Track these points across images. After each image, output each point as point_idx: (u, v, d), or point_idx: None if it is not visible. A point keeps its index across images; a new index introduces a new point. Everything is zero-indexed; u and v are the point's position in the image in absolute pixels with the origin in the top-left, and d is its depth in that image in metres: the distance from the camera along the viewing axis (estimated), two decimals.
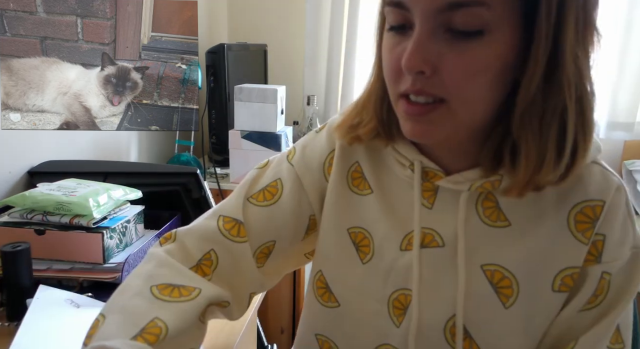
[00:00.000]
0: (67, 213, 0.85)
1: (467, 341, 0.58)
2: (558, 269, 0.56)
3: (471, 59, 0.47)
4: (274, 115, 1.58)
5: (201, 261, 0.62)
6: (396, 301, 0.61)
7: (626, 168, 2.18)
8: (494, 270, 0.57)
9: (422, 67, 0.48)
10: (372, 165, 0.64)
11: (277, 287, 1.77)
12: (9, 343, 0.63)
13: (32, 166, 1.16)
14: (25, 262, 0.74)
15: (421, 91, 0.50)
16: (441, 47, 0.48)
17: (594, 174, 0.56)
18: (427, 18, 0.47)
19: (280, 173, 0.68)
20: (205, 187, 1.13)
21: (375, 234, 0.63)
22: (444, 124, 0.51)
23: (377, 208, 0.63)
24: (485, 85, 0.49)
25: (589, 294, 0.55)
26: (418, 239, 0.59)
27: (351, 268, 0.63)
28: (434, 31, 0.47)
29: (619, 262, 0.55)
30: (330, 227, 0.65)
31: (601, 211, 0.54)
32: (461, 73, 0.48)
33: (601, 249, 0.55)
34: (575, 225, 0.55)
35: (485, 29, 0.46)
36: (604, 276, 0.55)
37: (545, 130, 0.49)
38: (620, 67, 2.04)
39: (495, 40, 0.47)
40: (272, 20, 2.29)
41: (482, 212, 0.58)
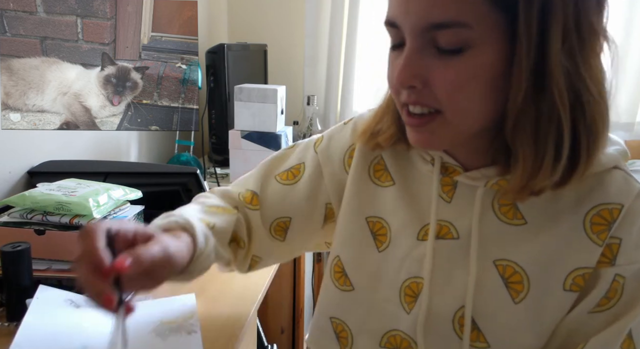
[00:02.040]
0: (67, 213, 0.85)
1: (475, 332, 0.59)
2: (570, 269, 0.56)
3: (457, 72, 0.50)
4: (274, 115, 1.58)
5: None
6: (408, 288, 0.63)
7: None
8: (506, 265, 0.58)
9: (412, 81, 0.52)
10: (396, 159, 0.68)
11: (277, 287, 1.78)
12: (9, 343, 0.63)
13: (32, 166, 1.16)
14: (25, 262, 0.74)
15: (417, 102, 0.53)
16: (430, 62, 0.51)
17: (615, 179, 0.56)
18: (415, 36, 0.50)
19: (304, 158, 0.74)
20: (205, 187, 1.13)
21: (392, 223, 0.66)
22: (443, 133, 0.54)
23: (396, 199, 0.66)
24: (475, 95, 0.51)
25: (600, 296, 0.56)
26: (434, 230, 0.61)
27: (367, 254, 0.67)
28: (422, 48, 0.51)
29: (634, 266, 0.55)
30: (350, 216, 0.69)
31: (619, 214, 0.55)
32: (449, 86, 0.51)
33: (616, 252, 0.55)
34: (592, 227, 0.56)
35: (468, 45, 0.49)
36: (617, 279, 0.55)
37: (540, 137, 0.51)
38: (620, 67, 2.04)
39: (479, 54, 0.49)
40: (272, 20, 2.29)
41: (499, 209, 0.59)
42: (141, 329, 0.71)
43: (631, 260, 0.55)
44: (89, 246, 0.51)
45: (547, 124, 0.50)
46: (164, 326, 0.72)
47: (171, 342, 0.69)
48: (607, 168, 0.56)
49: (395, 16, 0.52)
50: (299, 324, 1.76)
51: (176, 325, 0.73)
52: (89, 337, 0.69)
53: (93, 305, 0.52)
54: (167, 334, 0.70)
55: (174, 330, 0.72)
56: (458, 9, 0.48)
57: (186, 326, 0.73)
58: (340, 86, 2.23)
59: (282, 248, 0.76)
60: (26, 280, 0.74)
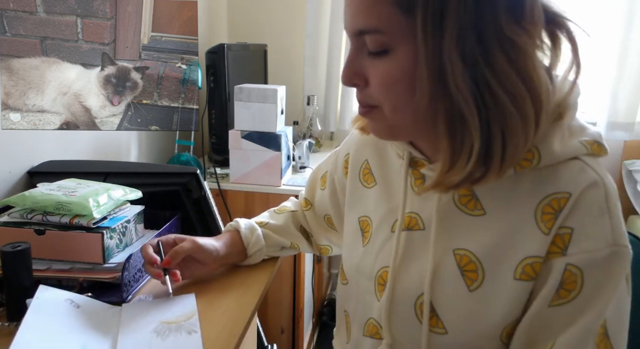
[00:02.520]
0: (67, 213, 0.85)
1: (434, 319, 0.62)
2: (520, 258, 0.58)
3: (384, 72, 0.56)
4: (274, 115, 1.58)
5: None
6: (380, 277, 0.68)
7: (626, 168, 2.18)
8: (463, 254, 0.61)
9: (353, 79, 0.59)
10: (378, 161, 0.76)
11: (277, 287, 1.78)
12: (9, 343, 0.62)
13: (32, 166, 1.16)
14: (25, 262, 0.74)
15: (361, 100, 0.61)
16: (366, 63, 0.58)
17: (569, 169, 0.57)
18: (352, 40, 0.58)
19: (328, 166, 0.90)
20: (205, 187, 1.13)
21: (374, 219, 0.73)
22: (386, 123, 0.60)
23: (378, 197, 0.73)
24: (402, 93, 0.56)
25: (555, 287, 0.56)
26: (400, 221, 0.67)
27: (355, 250, 0.74)
28: (359, 50, 0.58)
29: (587, 255, 0.54)
30: (350, 218, 0.78)
31: (566, 202, 0.56)
32: (380, 85, 0.57)
33: (568, 242, 0.55)
34: (542, 216, 0.57)
35: (388, 48, 0.55)
36: (569, 269, 0.55)
37: (454, 136, 0.54)
38: (620, 67, 2.04)
39: (400, 56, 0.54)
40: (272, 20, 2.29)
41: (459, 199, 0.63)
42: (141, 329, 0.71)
43: (583, 249, 0.55)
44: (144, 253, 0.82)
45: (459, 124, 0.53)
46: (164, 326, 0.72)
47: (171, 342, 0.69)
48: (564, 159, 0.57)
49: (344, 24, 0.60)
50: (299, 324, 1.76)
51: (176, 325, 0.73)
52: (89, 337, 0.69)
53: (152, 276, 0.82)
54: (167, 334, 0.71)
55: (174, 330, 0.72)
56: (373, 16, 0.54)
57: (186, 326, 0.73)
58: (340, 86, 2.23)
59: (339, 237, 0.92)
60: (26, 280, 0.74)
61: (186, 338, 0.70)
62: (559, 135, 0.57)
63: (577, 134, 0.59)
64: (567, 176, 0.57)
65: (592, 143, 0.58)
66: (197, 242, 0.84)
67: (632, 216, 2.13)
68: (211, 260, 0.85)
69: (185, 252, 0.82)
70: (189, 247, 0.82)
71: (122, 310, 0.77)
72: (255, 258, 0.91)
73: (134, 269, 0.86)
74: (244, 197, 1.65)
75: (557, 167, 0.57)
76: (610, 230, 0.55)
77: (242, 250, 0.90)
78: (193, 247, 0.83)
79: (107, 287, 0.82)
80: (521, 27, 0.52)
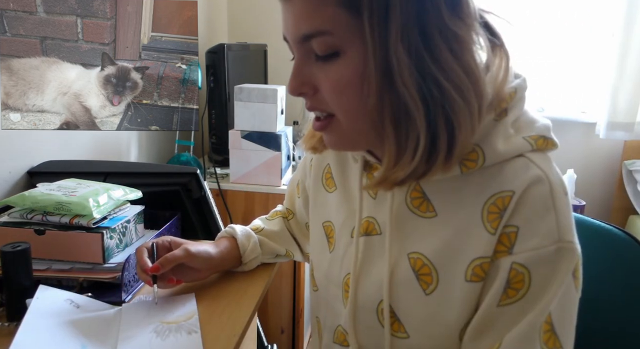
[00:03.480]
0: (67, 213, 0.85)
1: (396, 324, 0.63)
2: (470, 260, 0.57)
3: (335, 77, 0.55)
4: (274, 115, 1.58)
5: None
6: (345, 284, 0.68)
7: (626, 168, 2.18)
8: (417, 258, 0.61)
9: (301, 89, 0.58)
10: (338, 165, 0.75)
11: (277, 287, 1.78)
12: (9, 343, 0.62)
13: (32, 166, 1.16)
14: (25, 262, 0.74)
15: (313, 108, 0.60)
16: (314, 70, 0.57)
17: (514, 167, 0.57)
18: (297, 47, 0.57)
19: (299, 174, 0.89)
20: (205, 187, 1.13)
21: (336, 225, 0.73)
22: (341, 133, 0.59)
23: (338, 202, 0.73)
24: (356, 96, 0.55)
25: (503, 286, 0.55)
26: (357, 227, 0.67)
27: (323, 256, 0.74)
28: (306, 57, 0.57)
29: (532, 253, 0.54)
30: (313, 223, 0.79)
31: (510, 201, 0.55)
32: (332, 90, 0.56)
33: (514, 241, 0.55)
34: (487, 215, 0.56)
35: (338, 50, 0.54)
36: (515, 268, 0.55)
37: (399, 132, 0.54)
38: (620, 67, 2.04)
39: (351, 58, 0.53)
40: (272, 20, 2.29)
41: (411, 202, 0.63)
42: (141, 329, 0.71)
43: (529, 247, 0.54)
44: (137, 256, 0.79)
45: (405, 119, 0.53)
46: (164, 326, 0.72)
47: (171, 342, 0.69)
48: (509, 157, 0.57)
49: (284, 32, 0.58)
50: (299, 324, 1.76)
51: (176, 325, 0.73)
52: (89, 337, 0.69)
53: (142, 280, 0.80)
54: (167, 335, 0.70)
55: (174, 330, 0.72)
56: (319, 19, 0.53)
57: (186, 326, 0.73)
58: None
59: None
60: (26, 280, 0.74)
61: (186, 338, 0.70)
62: (502, 133, 0.57)
63: (524, 130, 0.59)
64: (510, 174, 0.56)
65: (537, 138, 0.58)
66: (190, 250, 0.80)
67: (632, 216, 2.13)
68: (205, 267, 0.83)
69: (177, 260, 0.79)
70: (180, 256, 0.79)
71: (122, 310, 0.77)
72: (250, 265, 0.90)
73: (134, 269, 0.86)
74: (244, 197, 1.65)
75: (502, 166, 0.57)
76: (556, 226, 0.54)
77: (237, 257, 0.88)
78: (185, 256, 0.80)
79: (107, 287, 0.82)
80: (461, 20, 0.52)
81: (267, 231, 0.92)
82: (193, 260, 0.81)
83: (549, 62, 2.23)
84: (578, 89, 2.25)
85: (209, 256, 0.83)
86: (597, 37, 2.15)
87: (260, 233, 0.91)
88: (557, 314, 0.54)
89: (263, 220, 0.96)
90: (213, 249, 0.84)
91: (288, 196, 0.95)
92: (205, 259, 0.82)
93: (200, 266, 0.82)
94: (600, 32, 2.14)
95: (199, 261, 0.81)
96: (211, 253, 0.83)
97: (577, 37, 2.17)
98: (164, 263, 0.78)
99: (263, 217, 0.97)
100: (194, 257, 0.81)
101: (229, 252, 0.87)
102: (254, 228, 0.92)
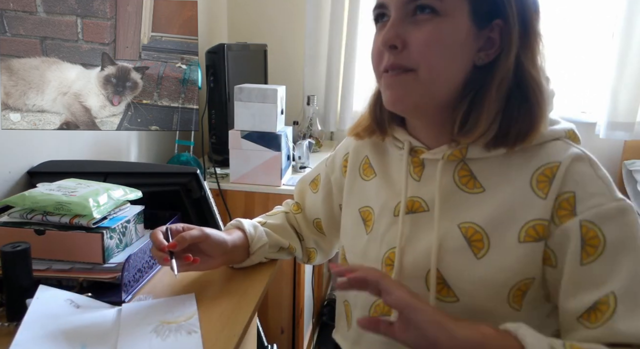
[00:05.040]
0: (67, 213, 0.85)
1: (445, 289, 0.67)
2: (522, 223, 0.64)
3: (429, 33, 0.63)
4: (274, 115, 1.58)
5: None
6: (387, 259, 0.73)
7: (626, 168, 2.18)
8: (468, 227, 0.67)
9: (394, 40, 0.64)
10: (377, 155, 0.81)
11: (277, 287, 1.78)
12: (8, 343, 0.63)
13: (32, 166, 1.16)
14: (25, 262, 0.74)
15: (395, 64, 0.65)
16: (409, 27, 0.64)
17: (555, 146, 0.66)
18: (398, 9, 0.64)
19: (321, 169, 0.94)
20: (205, 187, 1.13)
21: (375, 207, 0.77)
22: (414, 90, 0.65)
23: (378, 187, 0.78)
24: (445, 56, 0.64)
25: (579, 245, 0.61)
26: (404, 204, 0.72)
27: (359, 238, 0.79)
28: (404, 17, 0.64)
29: (596, 210, 0.60)
30: (348, 210, 0.83)
31: (557, 169, 0.63)
32: (423, 44, 0.63)
33: (574, 204, 0.62)
34: (537, 184, 0.64)
35: (438, 13, 0.63)
36: (584, 224, 0.61)
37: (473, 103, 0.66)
38: (620, 67, 2.04)
39: (448, 22, 0.63)
40: (272, 20, 2.29)
41: (459, 180, 0.70)
42: (141, 329, 0.71)
43: (591, 205, 0.61)
44: (153, 237, 0.80)
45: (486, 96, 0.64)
46: (164, 326, 0.72)
47: (171, 342, 0.69)
48: (549, 139, 0.66)
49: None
50: (299, 324, 1.76)
51: (176, 325, 0.73)
52: (89, 337, 0.69)
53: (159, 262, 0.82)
54: (167, 334, 0.70)
55: (174, 330, 0.72)
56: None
57: (186, 326, 0.73)
58: (340, 86, 2.23)
59: (326, 241, 0.98)
60: (26, 280, 0.74)
61: (186, 338, 0.70)
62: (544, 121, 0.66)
63: (556, 123, 0.70)
64: (553, 150, 0.65)
65: (568, 130, 0.69)
66: (205, 231, 0.82)
67: None
68: (219, 252, 0.84)
69: (193, 238, 0.80)
70: (196, 235, 0.81)
71: (122, 310, 0.77)
72: (257, 256, 0.90)
73: (134, 269, 0.86)
74: (244, 197, 1.65)
75: (543, 146, 0.66)
76: (607, 189, 0.62)
77: (245, 247, 0.89)
78: (200, 235, 0.81)
79: (107, 287, 0.82)
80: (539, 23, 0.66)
81: (270, 224, 0.94)
82: (208, 241, 0.82)
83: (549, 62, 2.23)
84: (578, 89, 2.25)
85: (223, 240, 0.84)
86: (597, 38, 2.15)
87: (264, 225, 0.93)
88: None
89: (264, 216, 0.98)
90: (226, 236, 0.86)
91: (298, 191, 0.99)
92: (219, 243, 0.84)
93: (214, 250, 0.83)
94: (600, 33, 2.14)
95: (213, 243, 0.83)
96: (225, 238, 0.85)
97: (577, 37, 2.17)
98: (180, 240, 0.79)
99: (264, 214, 1.00)
100: (209, 238, 0.82)
101: (240, 240, 0.88)
102: (257, 222, 0.94)
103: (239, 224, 0.90)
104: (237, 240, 0.87)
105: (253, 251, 0.89)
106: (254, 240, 0.88)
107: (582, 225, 0.60)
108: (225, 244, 0.84)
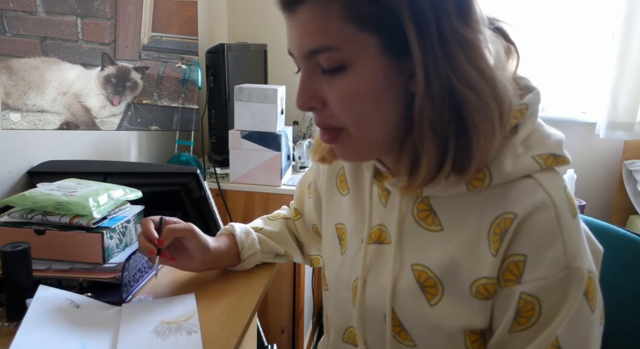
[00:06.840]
0: (67, 213, 0.85)
1: (403, 333, 0.64)
2: (474, 277, 0.58)
3: (344, 89, 0.55)
4: (274, 115, 1.58)
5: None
6: (355, 288, 0.69)
7: (626, 168, 2.18)
8: (421, 270, 0.62)
9: (309, 103, 0.58)
10: (352, 168, 0.75)
11: (277, 287, 1.78)
12: (8, 343, 0.62)
13: (32, 166, 1.16)
14: (25, 262, 0.74)
15: (322, 123, 0.59)
16: (322, 84, 0.56)
17: (520, 189, 0.56)
18: (303, 62, 0.57)
19: (312, 174, 0.87)
20: (205, 187, 1.13)
21: (348, 228, 0.73)
22: (352, 145, 0.59)
23: (350, 206, 0.73)
24: (368, 108, 0.55)
25: (513, 315, 0.56)
26: (366, 234, 0.68)
27: (335, 257, 0.75)
28: (313, 72, 0.57)
29: (540, 283, 0.54)
30: (327, 223, 0.79)
31: (510, 223, 0.55)
32: (340, 103, 0.56)
33: (522, 270, 0.55)
34: (493, 237, 0.57)
35: (345, 64, 0.54)
36: (523, 297, 0.55)
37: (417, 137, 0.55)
38: (620, 67, 2.04)
39: (358, 71, 0.54)
40: (272, 20, 2.29)
41: (417, 214, 0.63)
42: (141, 329, 0.71)
43: (537, 277, 0.54)
44: (144, 225, 0.80)
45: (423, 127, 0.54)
46: (164, 326, 0.72)
47: (171, 342, 0.69)
48: (516, 178, 0.56)
49: (289, 47, 0.58)
50: (299, 324, 1.76)
51: (176, 325, 0.73)
52: (89, 337, 0.69)
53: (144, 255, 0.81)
54: (167, 334, 0.70)
55: (174, 330, 0.72)
56: (326, 35, 0.53)
57: (186, 326, 0.73)
58: None
59: None
60: (26, 280, 0.74)
61: (186, 338, 0.70)
62: (510, 152, 0.56)
63: (534, 148, 0.57)
64: (515, 195, 0.56)
65: (546, 157, 0.57)
66: (194, 228, 0.82)
67: (632, 216, 2.13)
68: (200, 256, 0.83)
69: (179, 231, 0.80)
70: (182, 229, 0.81)
71: (122, 310, 0.77)
72: (249, 263, 0.89)
73: (134, 269, 0.86)
74: (244, 197, 1.65)
75: (509, 186, 0.56)
76: (563, 254, 0.53)
77: (235, 254, 0.87)
78: (187, 230, 0.81)
79: (107, 287, 0.82)
80: (469, 26, 0.53)
81: (266, 231, 0.92)
82: (192, 237, 0.81)
83: (549, 63, 2.23)
84: (578, 89, 2.25)
85: (206, 247, 0.83)
86: (597, 38, 2.15)
87: (259, 232, 0.91)
88: (566, 338, 0.55)
89: (264, 220, 0.96)
90: (212, 244, 0.85)
91: (297, 196, 0.95)
92: (202, 247, 0.82)
93: (196, 251, 0.82)
94: (600, 33, 2.14)
95: (196, 242, 0.82)
96: (209, 246, 0.84)
97: (577, 37, 2.17)
98: (166, 234, 0.79)
99: (265, 216, 0.98)
100: (194, 236, 0.81)
101: (227, 248, 0.87)
102: (253, 227, 0.92)
103: (232, 230, 0.89)
104: (223, 248, 0.86)
105: (244, 258, 0.88)
106: (244, 247, 0.87)
107: (521, 297, 0.55)
108: (207, 253, 0.83)
